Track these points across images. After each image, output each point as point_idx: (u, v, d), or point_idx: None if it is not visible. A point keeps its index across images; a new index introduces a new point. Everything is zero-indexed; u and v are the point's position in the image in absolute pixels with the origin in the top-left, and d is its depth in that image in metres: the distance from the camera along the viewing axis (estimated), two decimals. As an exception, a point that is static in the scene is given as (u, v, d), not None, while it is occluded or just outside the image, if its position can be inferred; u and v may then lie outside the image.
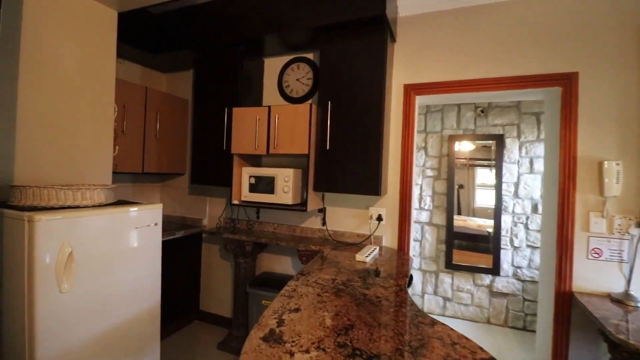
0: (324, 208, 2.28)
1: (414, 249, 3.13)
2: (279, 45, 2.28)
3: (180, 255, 2.51)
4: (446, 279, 3.03)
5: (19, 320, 1.11)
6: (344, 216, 2.23)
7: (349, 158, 1.90)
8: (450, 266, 2.98)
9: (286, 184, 1.98)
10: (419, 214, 3.14)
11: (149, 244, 1.51)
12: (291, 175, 1.98)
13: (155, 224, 1.54)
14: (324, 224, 2.28)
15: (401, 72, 2.09)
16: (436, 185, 3.10)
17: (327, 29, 1.95)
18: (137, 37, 2.37)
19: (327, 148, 1.94)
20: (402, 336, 0.92)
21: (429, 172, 3.13)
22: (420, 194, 3.15)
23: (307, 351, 0.82)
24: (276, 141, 1.99)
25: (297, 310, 1.07)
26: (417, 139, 3.15)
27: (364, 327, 0.97)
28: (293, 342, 0.86)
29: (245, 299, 2.29)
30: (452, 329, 0.96)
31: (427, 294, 3.09)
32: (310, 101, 2.33)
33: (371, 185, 1.85)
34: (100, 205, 1.35)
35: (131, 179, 2.65)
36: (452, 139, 3.04)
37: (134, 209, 1.44)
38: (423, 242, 3.11)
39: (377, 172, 1.84)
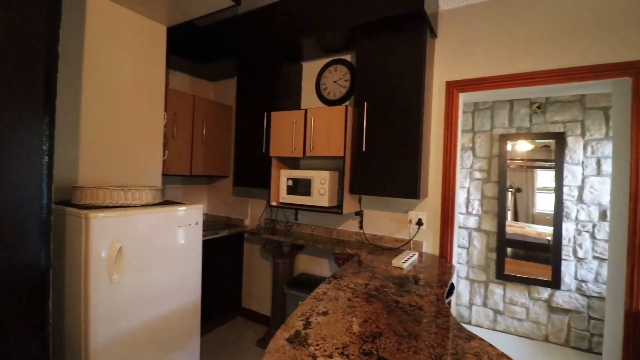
0: (361, 211, 2.23)
1: (459, 256, 2.94)
2: (316, 48, 2.29)
3: (223, 254, 2.63)
4: (497, 290, 2.79)
5: (76, 307, 1.24)
6: (382, 220, 2.16)
7: (386, 160, 1.84)
8: (502, 276, 2.75)
9: (322, 187, 1.98)
10: (466, 219, 2.94)
11: (190, 241, 1.60)
12: (327, 178, 1.97)
13: (197, 223, 1.63)
14: (361, 227, 2.24)
15: (443, 69, 1.98)
16: (485, 188, 2.88)
17: (364, 28, 1.92)
18: (185, 48, 2.54)
19: (363, 150, 1.90)
20: (433, 349, 0.85)
21: (477, 175, 2.93)
22: (468, 198, 2.95)
23: (331, 356, 0.80)
24: (312, 144, 2.00)
25: (325, 313, 1.05)
26: (464, 139, 2.97)
27: (392, 336, 0.92)
28: (317, 345, 0.84)
29: (282, 298, 2.33)
30: (491, 346, 0.88)
31: (475, 305, 2.87)
32: (347, 103, 2.31)
33: (409, 188, 1.77)
34: (147, 205, 1.46)
35: (181, 181, 2.85)
36: (504, 138, 2.81)
37: (178, 209, 1.54)
38: (471, 249, 2.91)
39: (415, 174, 1.76)
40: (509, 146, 2.80)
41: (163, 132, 2.04)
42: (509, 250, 2.78)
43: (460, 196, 2.96)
